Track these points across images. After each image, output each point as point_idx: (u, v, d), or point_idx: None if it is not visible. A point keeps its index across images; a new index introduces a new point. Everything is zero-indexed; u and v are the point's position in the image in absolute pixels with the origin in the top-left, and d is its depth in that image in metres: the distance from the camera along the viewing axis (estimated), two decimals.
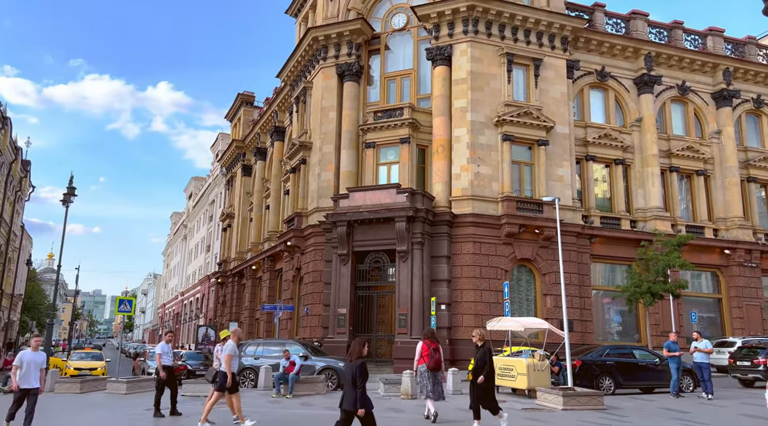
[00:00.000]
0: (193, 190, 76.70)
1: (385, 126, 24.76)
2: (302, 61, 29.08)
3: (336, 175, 25.75)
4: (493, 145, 23.83)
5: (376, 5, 27.38)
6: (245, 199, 41.70)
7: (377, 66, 26.93)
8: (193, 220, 73.14)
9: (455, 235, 23.06)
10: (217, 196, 56.86)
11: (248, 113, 44.96)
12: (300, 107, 29.74)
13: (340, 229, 23.11)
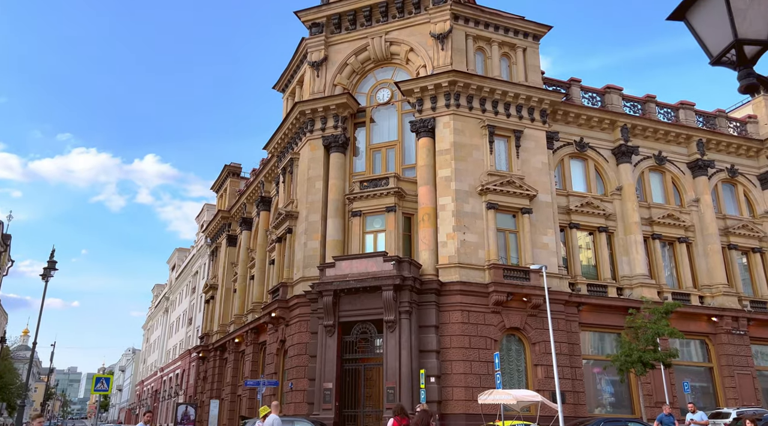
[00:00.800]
0: (176, 261, 75.76)
1: (371, 195, 25.00)
2: (289, 134, 29.68)
3: (322, 244, 25.65)
4: (478, 213, 24.08)
5: (361, 81, 28.38)
6: (229, 270, 41.15)
7: (363, 138, 27.55)
8: (176, 292, 71.74)
9: (443, 304, 22.79)
10: (200, 267, 56.10)
11: (235, 184, 45.26)
12: (287, 178, 30.04)
13: (326, 298, 22.75)
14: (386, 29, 27.45)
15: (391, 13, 27.54)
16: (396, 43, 27.26)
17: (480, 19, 26.82)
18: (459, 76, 24.91)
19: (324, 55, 28.33)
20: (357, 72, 28.19)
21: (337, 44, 28.49)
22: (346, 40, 28.33)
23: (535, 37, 27.84)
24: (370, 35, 27.68)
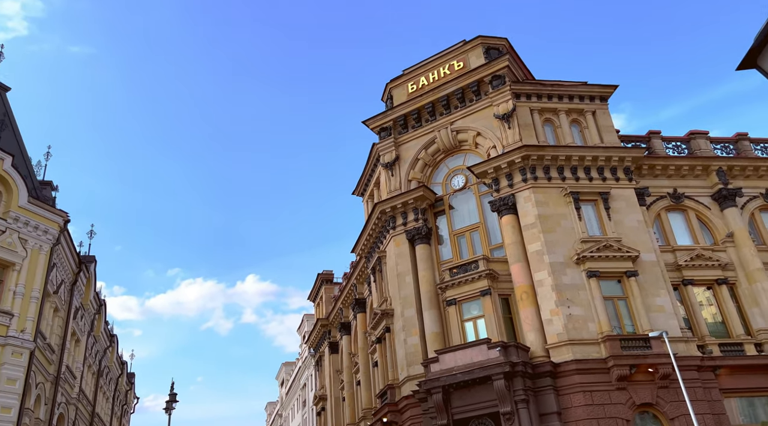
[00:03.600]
0: (284, 376, 76.60)
1: (463, 281, 24.57)
2: (373, 234, 30.38)
3: (422, 339, 25.13)
4: (579, 283, 22.88)
5: (434, 172, 29.00)
6: (335, 378, 40.96)
7: (444, 225, 27.64)
8: (287, 407, 71.89)
9: (561, 387, 21.20)
10: (307, 379, 56.32)
11: (329, 291, 46.21)
12: (377, 277, 30.35)
13: (435, 396, 21.86)
14: (451, 120, 28.32)
15: (452, 104, 28.51)
16: (462, 130, 27.93)
17: (542, 93, 27.10)
18: (530, 149, 24.86)
19: (395, 155, 29.45)
20: (429, 164, 28.91)
21: (406, 142, 29.61)
22: (414, 138, 29.42)
23: (602, 98, 27.61)
24: (436, 128, 28.61)
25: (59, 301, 25.33)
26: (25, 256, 21.67)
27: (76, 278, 27.57)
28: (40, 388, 22.91)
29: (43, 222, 22.59)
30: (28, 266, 21.66)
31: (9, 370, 19.87)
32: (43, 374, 23.43)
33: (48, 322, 23.95)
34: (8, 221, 21.37)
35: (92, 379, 34.10)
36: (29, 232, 22.05)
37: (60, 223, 23.30)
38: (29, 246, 21.95)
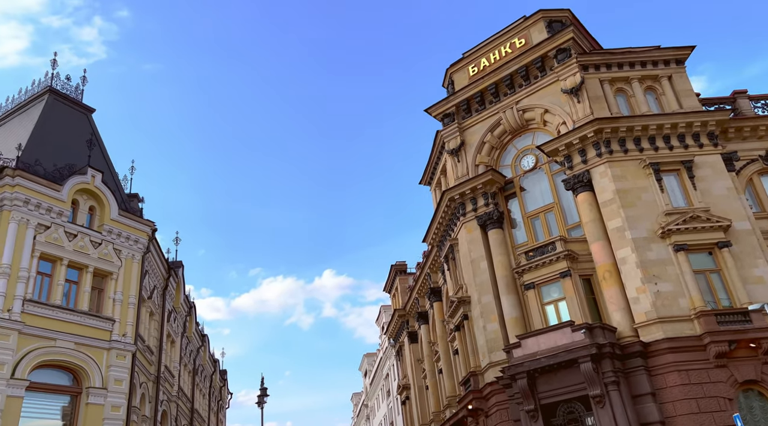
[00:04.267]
0: (367, 367, 77.98)
1: (540, 264, 23.98)
2: (443, 222, 30.19)
3: (502, 325, 24.79)
4: (666, 258, 21.76)
5: (502, 154, 28.39)
6: (417, 367, 41.21)
7: (516, 208, 27.03)
8: (372, 398, 73.18)
9: (653, 367, 20.30)
10: (390, 369, 57.03)
11: (404, 281, 46.46)
12: (450, 265, 30.19)
13: (520, 382, 21.53)
14: (516, 99, 27.59)
15: (517, 83, 27.77)
16: (528, 109, 27.16)
17: (611, 62, 25.87)
18: (603, 122, 23.82)
19: (460, 141, 29.07)
20: (496, 147, 28.33)
21: (470, 127, 29.15)
22: (478, 121, 28.91)
23: (678, 61, 25.99)
24: (501, 109, 27.97)
25: (153, 305, 26.94)
26: (120, 265, 23.19)
27: (167, 283, 29.22)
28: (143, 387, 24.52)
29: (133, 232, 24.07)
30: (123, 274, 23.18)
31: (115, 371, 21.39)
32: (145, 374, 25.04)
33: (145, 326, 25.55)
34: (103, 233, 22.94)
35: (189, 377, 36.11)
36: (122, 243, 23.57)
37: (148, 233, 24.74)
38: (123, 256, 23.46)
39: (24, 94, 27.53)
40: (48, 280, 20.92)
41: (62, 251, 21.32)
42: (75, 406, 20.35)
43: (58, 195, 21.66)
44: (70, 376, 20.61)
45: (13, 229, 20.12)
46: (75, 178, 22.46)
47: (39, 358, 19.48)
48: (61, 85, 27.23)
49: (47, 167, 21.95)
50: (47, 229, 21.12)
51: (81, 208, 22.84)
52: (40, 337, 19.65)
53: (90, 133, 26.35)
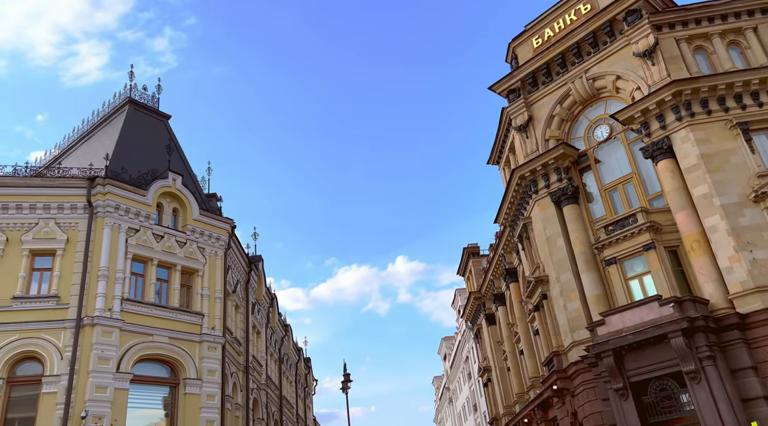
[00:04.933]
0: (445, 350, 78.18)
1: (621, 238, 23.01)
2: (515, 201, 29.53)
3: (583, 303, 24.04)
4: (761, 223, 20.29)
5: (573, 126, 27.36)
6: (497, 349, 40.83)
7: (592, 181, 26.01)
8: (453, 381, 73.34)
9: (752, 339, 19.08)
10: (469, 352, 56.90)
11: (477, 264, 46.00)
12: (525, 244, 29.56)
13: (607, 360, 20.84)
14: (584, 68, 26.44)
15: (584, 51, 26.60)
16: (599, 77, 25.96)
17: (687, 19, 24.22)
18: (682, 84, 22.39)
19: (528, 116, 28.25)
20: (566, 119, 27.33)
21: (537, 101, 28.25)
22: (545, 94, 27.96)
23: (764, 10, 23.96)
24: (569, 80, 26.90)
25: (238, 298, 28.17)
26: (205, 263, 24.39)
27: (249, 277, 30.45)
28: (234, 376, 25.77)
29: (214, 230, 25.22)
30: (208, 271, 24.37)
31: (208, 363, 22.61)
32: (235, 364, 26.29)
33: (232, 319, 26.78)
34: (187, 233, 24.19)
35: (275, 366, 37.58)
36: (205, 241, 24.76)
37: (228, 230, 25.84)
38: (207, 253, 24.65)
39: (107, 107, 29.36)
40: (141, 280, 22.35)
41: (152, 252, 22.68)
42: (174, 396, 21.71)
43: (144, 199, 23.02)
44: (167, 368, 21.99)
45: (107, 234, 21.61)
46: (158, 182, 23.77)
47: (139, 353, 20.89)
48: (138, 95, 28.83)
49: (132, 174, 23.34)
50: (137, 232, 22.52)
51: (165, 210, 24.17)
52: (138, 333, 21.06)
53: (168, 139, 27.75)
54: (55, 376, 19.12)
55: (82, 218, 21.79)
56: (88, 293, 20.53)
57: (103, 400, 19.19)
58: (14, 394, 19.14)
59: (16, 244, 20.82)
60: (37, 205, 21.51)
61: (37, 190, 21.69)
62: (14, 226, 21.10)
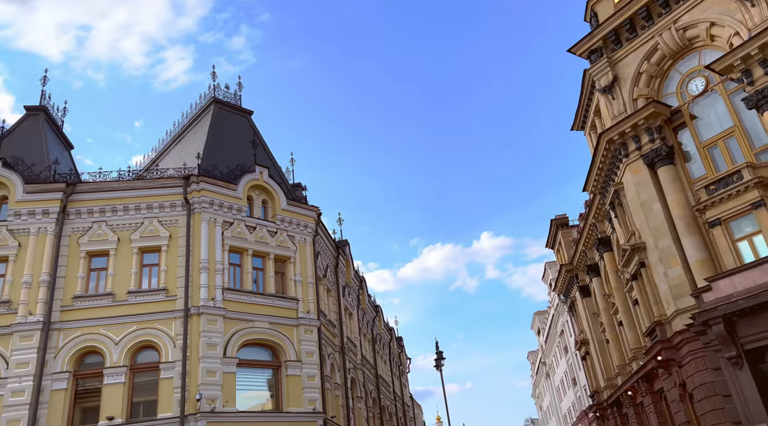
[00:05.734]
0: (539, 325, 76.73)
1: (725, 197, 21.38)
2: (603, 167, 28.16)
3: (686, 269, 22.65)
4: None
5: (663, 82, 25.59)
6: (593, 321, 39.51)
7: (688, 139, 24.27)
8: (549, 355, 71.96)
9: None
10: (564, 325, 55.49)
11: (567, 235, 44.51)
12: (617, 211, 28.21)
13: (716, 327, 19.57)
14: (673, 18, 24.56)
15: (671, 0, 24.70)
16: (690, 26, 24.02)
17: None
18: None
19: (612, 76, 26.72)
20: (655, 75, 25.59)
21: (622, 59, 26.64)
22: (630, 51, 26.30)
23: None
24: (657, 32, 25.11)
25: (329, 282, 29.08)
26: (296, 250, 25.34)
27: (337, 261, 31.31)
28: (331, 357, 26.72)
29: (302, 219, 26.11)
30: (299, 258, 25.32)
31: (305, 345, 23.59)
32: (331, 346, 27.24)
33: (325, 302, 27.71)
34: (277, 223, 25.22)
35: (369, 346, 38.54)
36: (294, 229, 25.70)
37: (315, 217, 26.65)
38: (296, 241, 25.60)
39: (194, 108, 30.99)
40: (239, 270, 23.60)
41: (246, 243, 23.87)
42: (277, 377, 22.88)
43: (235, 193, 24.20)
44: (269, 351, 23.17)
45: (205, 228, 22.96)
46: (246, 176, 24.88)
47: (242, 338, 22.15)
48: (222, 94, 30.16)
49: (222, 170, 24.56)
50: (231, 225, 23.76)
51: (255, 202, 25.30)
52: (240, 319, 22.31)
53: (252, 134, 28.89)
54: (170, 363, 20.69)
55: (181, 215, 23.26)
56: (192, 285, 21.96)
57: (214, 383, 20.58)
58: (137, 380, 20.94)
59: (126, 243, 22.60)
60: (141, 205, 23.17)
61: (140, 192, 23.36)
62: (123, 227, 22.90)
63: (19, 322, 20.38)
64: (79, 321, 21.04)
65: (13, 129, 26.37)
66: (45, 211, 22.24)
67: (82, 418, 20.34)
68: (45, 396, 19.65)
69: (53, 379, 19.98)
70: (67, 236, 22.32)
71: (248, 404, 21.90)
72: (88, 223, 22.68)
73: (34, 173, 23.01)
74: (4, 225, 21.96)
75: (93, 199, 22.97)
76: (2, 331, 20.28)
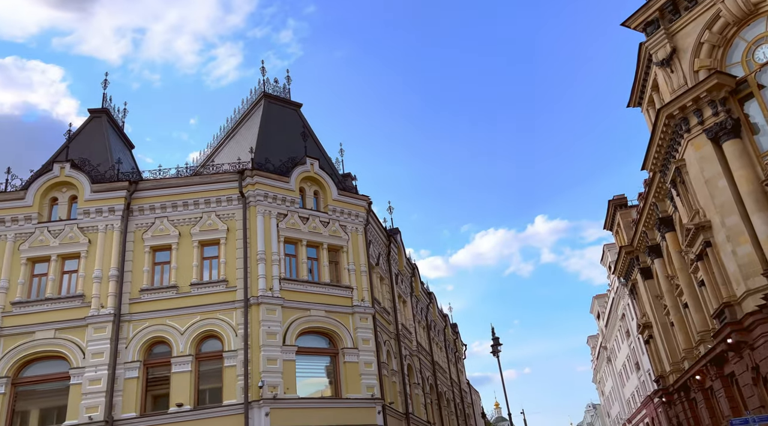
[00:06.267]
0: (598, 309, 74.82)
1: None
2: (663, 144, 26.99)
3: (756, 246, 21.50)
4: None
5: (727, 52, 24.20)
6: (656, 304, 38.16)
7: (756, 111, 22.91)
8: (610, 339, 70.15)
9: None
10: (624, 309, 53.88)
11: (625, 216, 43.04)
12: (680, 189, 27.03)
13: None
14: None
15: None
16: None
17: None
18: None
19: (671, 48, 25.47)
20: (718, 45, 24.22)
21: (681, 29, 25.34)
22: (690, 21, 24.98)
23: None
24: None
25: (381, 270, 29.29)
26: (348, 239, 25.63)
27: (389, 249, 31.46)
28: (387, 344, 26.98)
29: (353, 208, 26.36)
30: (351, 247, 25.61)
31: (361, 332, 23.90)
32: (386, 333, 27.50)
33: (378, 290, 27.95)
34: (329, 213, 25.58)
35: (424, 333, 38.67)
36: (345, 219, 26.00)
37: (365, 206, 26.84)
38: (348, 230, 25.88)
39: (245, 104, 31.69)
40: (294, 260, 24.10)
41: (300, 234, 24.34)
42: (335, 364, 23.32)
43: (288, 186, 24.68)
44: (326, 339, 23.62)
45: (260, 221, 23.55)
46: (298, 168, 25.32)
47: (300, 327, 22.67)
48: (271, 88, 30.71)
49: (275, 163, 25.06)
50: (285, 217, 24.26)
51: (307, 193, 25.72)
52: (296, 308, 22.83)
53: (302, 126, 29.31)
54: (233, 351, 21.44)
55: (238, 209, 23.92)
56: (251, 276, 22.60)
57: (275, 370, 21.19)
58: (202, 368, 21.83)
59: (186, 237, 23.48)
60: (199, 200, 23.98)
61: (198, 188, 24.16)
62: (184, 222, 23.78)
63: (92, 314, 21.57)
64: (146, 313, 22.08)
65: (78, 131, 27.76)
66: (111, 208, 23.37)
67: (154, 405, 21.41)
68: (119, 384, 20.77)
69: (126, 368, 21.09)
70: (131, 232, 23.39)
71: (308, 391, 22.46)
72: (150, 219, 23.67)
73: (99, 173, 24.18)
74: (74, 223, 23.22)
75: (154, 195, 23.94)
76: (78, 324, 21.54)
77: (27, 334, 21.36)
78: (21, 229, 23.02)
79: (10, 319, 21.58)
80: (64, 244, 22.86)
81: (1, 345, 21.13)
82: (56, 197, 23.90)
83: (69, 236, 22.97)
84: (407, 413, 27.62)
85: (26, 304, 21.82)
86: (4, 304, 21.72)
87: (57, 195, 23.89)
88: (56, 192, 23.90)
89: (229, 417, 20.37)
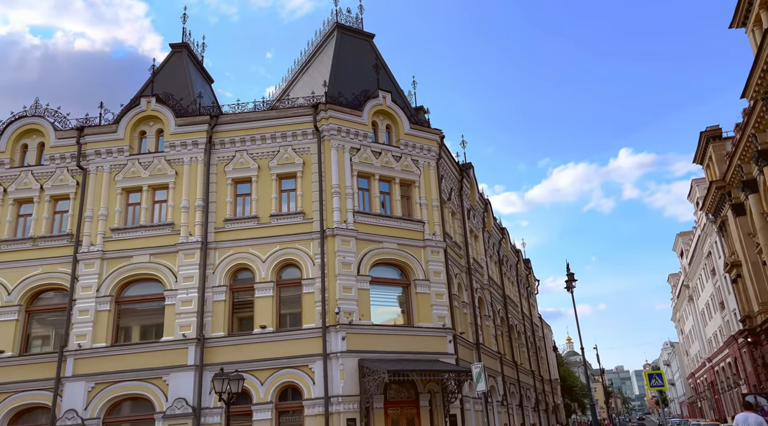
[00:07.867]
0: (682, 247, 71.59)
1: None
2: None
3: None
4: None
5: None
6: (748, 242, 35.99)
7: None
8: (693, 278, 67.43)
9: None
10: (711, 246, 51.25)
11: (719, 148, 40.03)
12: None
13: None
14: None
15: None
16: None
17: None
18: None
19: None
20: None
21: None
22: None
23: None
24: None
25: (453, 205, 29.24)
26: (420, 174, 25.62)
27: (461, 184, 31.21)
28: (458, 277, 27.34)
29: (425, 142, 26.14)
30: (423, 181, 25.61)
31: (432, 265, 24.31)
32: (458, 266, 27.79)
33: (450, 224, 28.05)
34: (401, 147, 25.53)
35: (495, 267, 38.74)
36: (417, 153, 25.88)
37: (438, 140, 26.53)
38: (420, 165, 25.81)
39: (319, 36, 31.50)
40: (367, 194, 24.50)
41: (372, 168, 24.57)
42: (407, 295, 24.01)
43: (360, 120, 24.71)
44: (398, 271, 24.25)
45: (334, 155, 23.92)
46: (370, 102, 25.20)
47: (373, 258, 23.34)
48: (344, 19, 30.24)
49: (348, 97, 25.05)
50: (358, 151, 24.48)
51: (380, 127, 25.69)
52: (369, 241, 23.42)
53: (374, 58, 28.89)
54: (311, 279, 22.51)
55: (312, 143, 24.35)
56: (326, 208, 23.27)
57: (350, 298, 22.15)
58: (283, 294, 23.14)
59: (265, 170, 24.31)
60: (276, 134, 24.57)
61: (274, 121, 24.69)
62: (262, 155, 24.57)
63: (182, 242, 23.17)
64: (230, 241, 23.43)
65: (162, 66, 28.80)
66: (194, 142, 24.47)
67: (240, 326, 23.13)
68: (208, 306, 22.50)
69: (213, 291, 22.72)
70: (214, 165, 24.49)
71: (381, 318, 23.38)
72: (231, 153, 24.62)
73: (182, 107, 25.18)
74: (162, 155, 24.58)
75: (234, 129, 24.75)
76: (169, 250, 23.25)
77: (125, 257, 23.34)
78: (115, 160, 24.69)
79: (111, 243, 23.60)
80: (154, 175, 24.36)
81: (105, 267, 23.27)
82: (144, 130, 25.24)
83: (158, 168, 24.41)
84: (478, 343, 28.27)
85: (123, 231, 23.72)
86: (105, 231, 23.73)
87: (145, 128, 25.23)
88: (144, 125, 25.23)
89: (309, 340, 21.69)
